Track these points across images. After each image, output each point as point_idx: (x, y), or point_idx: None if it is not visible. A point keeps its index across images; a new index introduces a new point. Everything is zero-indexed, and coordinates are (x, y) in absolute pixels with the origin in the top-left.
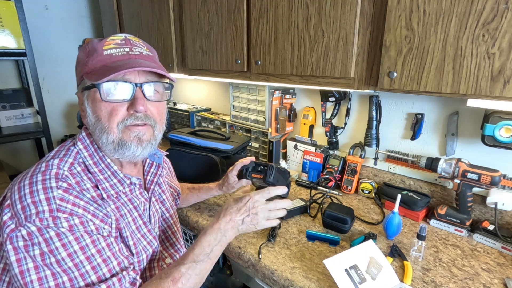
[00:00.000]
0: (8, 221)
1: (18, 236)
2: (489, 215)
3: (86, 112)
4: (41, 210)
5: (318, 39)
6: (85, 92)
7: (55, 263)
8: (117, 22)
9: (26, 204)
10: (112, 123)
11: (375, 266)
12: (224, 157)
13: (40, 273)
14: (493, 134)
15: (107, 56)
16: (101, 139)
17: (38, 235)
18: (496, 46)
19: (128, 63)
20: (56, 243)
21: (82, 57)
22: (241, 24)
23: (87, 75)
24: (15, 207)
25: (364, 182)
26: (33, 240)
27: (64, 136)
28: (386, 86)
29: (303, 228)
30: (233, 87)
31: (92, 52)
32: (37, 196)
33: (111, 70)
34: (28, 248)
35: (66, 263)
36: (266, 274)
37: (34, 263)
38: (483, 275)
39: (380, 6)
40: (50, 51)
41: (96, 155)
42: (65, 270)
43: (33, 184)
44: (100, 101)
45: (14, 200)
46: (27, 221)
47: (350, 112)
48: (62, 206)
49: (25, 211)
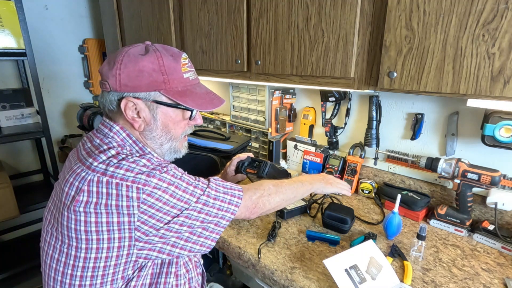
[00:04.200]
0: (129, 194)
1: (147, 196)
2: (489, 215)
3: (150, 121)
4: (153, 166)
5: (318, 39)
6: (155, 105)
7: (183, 193)
8: (117, 22)
9: (139, 169)
10: (180, 134)
11: (375, 266)
12: (224, 157)
13: (175, 207)
14: (493, 134)
15: (187, 80)
16: (163, 145)
17: (161, 183)
18: (496, 46)
19: (213, 100)
20: (177, 180)
21: (155, 71)
22: (241, 24)
23: (168, 93)
24: (128, 178)
25: (364, 182)
26: (160, 189)
27: (64, 136)
28: (386, 86)
29: (303, 228)
30: (233, 87)
31: (171, 71)
32: (140, 162)
33: (201, 99)
34: (160, 199)
35: (189, 189)
36: (266, 274)
37: (169, 205)
38: (483, 275)
39: (380, 6)
40: (50, 51)
41: (135, 146)
42: (192, 193)
43: (128, 158)
44: (181, 120)
45: (121, 175)
46: (151, 176)
47: (350, 112)
48: (160, 162)
49: (142, 172)
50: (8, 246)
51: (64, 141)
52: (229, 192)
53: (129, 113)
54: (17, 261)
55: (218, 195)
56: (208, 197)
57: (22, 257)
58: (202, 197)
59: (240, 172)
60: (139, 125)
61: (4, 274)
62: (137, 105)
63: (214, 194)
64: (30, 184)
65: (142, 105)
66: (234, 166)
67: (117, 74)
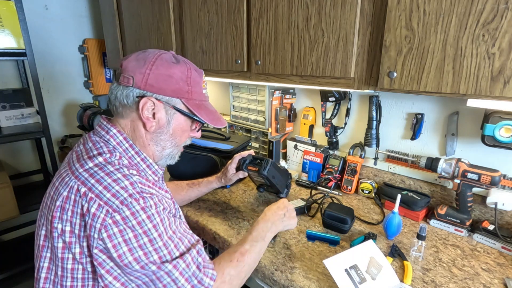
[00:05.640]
0: (97, 213)
1: (112, 223)
2: (489, 215)
3: (163, 124)
4: (132, 192)
5: (318, 39)
6: (173, 111)
7: (148, 242)
8: (117, 22)
9: (116, 191)
10: (183, 142)
11: (375, 266)
12: (224, 157)
13: (134, 254)
14: (493, 134)
15: (203, 96)
16: (165, 149)
17: (132, 218)
18: (496, 46)
19: (220, 118)
20: (148, 225)
21: (182, 80)
22: (241, 24)
23: (188, 103)
24: (103, 197)
25: (364, 182)
26: (127, 224)
27: (64, 136)
28: (386, 86)
29: (303, 228)
30: (233, 87)
31: (194, 84)
32: (121, 182)
33: (212, 115)
34: (122, 233)
35: (157, 243)
36: (266, 274)
37: (128, 246)
38: (483, 275)
39: (380, 6)
40: (50, 51)
41: (131, 150)
42: (156, 249)
43: (111, 174)
44: (188, 130)
45: (98, 192)
46: (124, 205)
47: (350, 112)
48: (143, 188)
49: (118, 197)
50: (8, 246)
51: (64, 141)
52: (199, 274)
53: (145, 112)
54: (17, 261)
55: (186, 272)
56: (175, 268)
57: (22, 257)
58: (166, 264)
59: (242, 170)
60: (151, 125)
61: (4, 274)
62: (156, 106)
63: (183, 269)
64: (30, 184)
65: (160, 107)
66: (235, 163)
67: (146, 73)
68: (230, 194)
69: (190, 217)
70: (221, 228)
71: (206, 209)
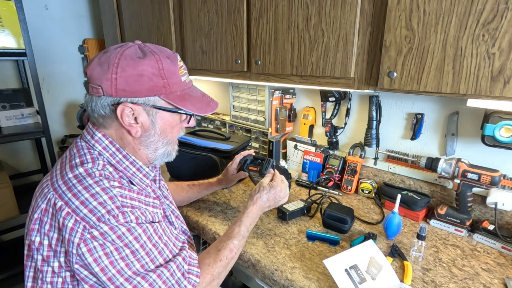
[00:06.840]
0: (74, 227)
1: (91, 238)
2: (489, 215)
3: (148, 127)
4: (110, 208)
5: (318, 39)
6: (154, 110)
7: (130, 254)
8: (117, 22)
9: (93, 207)
10: (175, 137)
11: (375, 266)
12: (224, 157)
13: (117, 266)
14: (493, 134)
15: (184, 83)
16: (158, 150)
17: (111, 233)
18: (496, 46)
19: (210, 103)
20: (129, 237)
21: (154, 75)
22: (241, 24)
23: (168, 97)
24: (79, 213)
25: (364, 182)
26: (107, 239)
27: (64, 136)
28: (386, 86)
29: (303, 228)
30: (233, 87)
31: (170, 75)
32: (99, 197)
33: (199, 103)
34: (103, 247)
35: (139, 253)
36: (266, 274)
37: (109, 259)
38: (483, 275)
39: (380, 6)
40: (50, 51)
41: (119, 154)
42: (139, 259)
43: (89, 188)
44: (178, 124)
45: (74, 207)
46: (101, 221)
47: (350, 112)
48: (124, 202)
49: (95, 213)
50: (8, 246)
51: (64, 141)
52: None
53: (126, 120)
54: (17, 261)
55: (170, 281)
56: (159, 278)
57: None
58: (151, 273)
59: (243, 170)
60: (136, 131)
61: (4, 274)
62: (135, 111)
63: (167, 278)
64: (30, 184)
65: (140, 110)
66: (236, 164)
67: (113, 78)
68: (230, 194)
69: (190, 217)
70: (221, 228)
71: (206, 209)
